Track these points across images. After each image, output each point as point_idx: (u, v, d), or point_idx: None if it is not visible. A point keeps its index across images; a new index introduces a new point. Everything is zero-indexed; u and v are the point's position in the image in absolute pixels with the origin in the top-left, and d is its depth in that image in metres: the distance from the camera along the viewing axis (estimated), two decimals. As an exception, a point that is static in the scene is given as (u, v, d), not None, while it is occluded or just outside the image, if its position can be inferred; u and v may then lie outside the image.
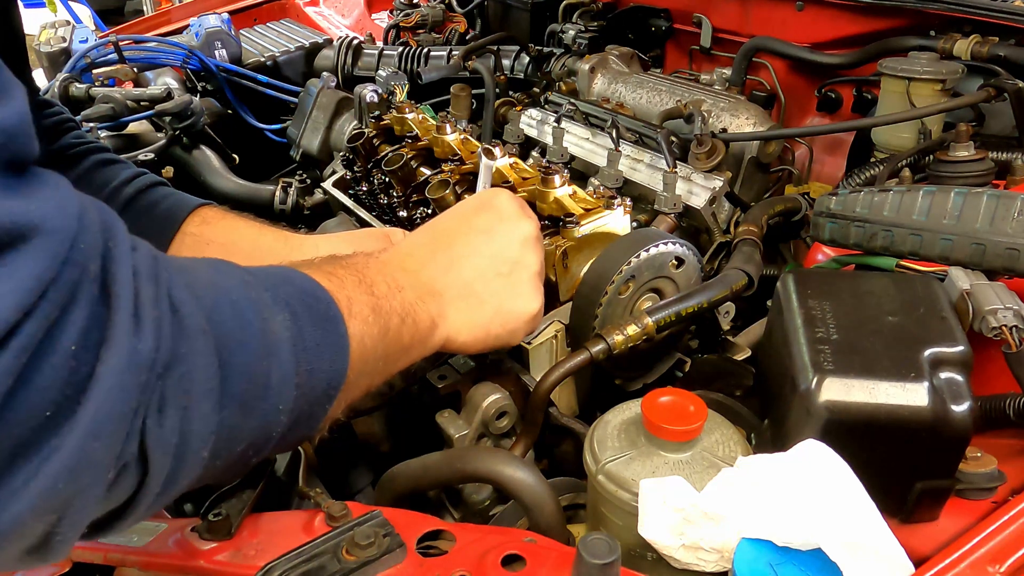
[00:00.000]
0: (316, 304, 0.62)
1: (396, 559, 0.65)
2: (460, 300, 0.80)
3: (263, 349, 0.55)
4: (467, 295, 0.80)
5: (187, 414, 0.49)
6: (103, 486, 0.46)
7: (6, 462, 0.41)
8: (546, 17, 2.06)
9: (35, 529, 0.44)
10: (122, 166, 1.05)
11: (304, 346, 0.58)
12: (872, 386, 0.71)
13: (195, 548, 0.69)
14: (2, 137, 0.42)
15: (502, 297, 0.83)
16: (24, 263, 0.41)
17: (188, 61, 2.03)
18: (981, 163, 1.18)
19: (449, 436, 0.93)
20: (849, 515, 0.61)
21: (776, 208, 1.27)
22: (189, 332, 0.49)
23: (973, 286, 0.86)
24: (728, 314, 1.06)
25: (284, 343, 0.57)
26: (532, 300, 0.85)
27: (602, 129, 1.49)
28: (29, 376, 0.41)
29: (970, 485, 0.75)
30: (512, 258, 0.84)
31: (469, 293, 0.80)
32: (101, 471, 0.45)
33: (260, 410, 0.55)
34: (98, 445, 0.44)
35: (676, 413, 0.73)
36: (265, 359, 0.55)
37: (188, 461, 0.50)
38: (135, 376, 0.45)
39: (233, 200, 1.76)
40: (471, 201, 0.89)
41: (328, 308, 0.63)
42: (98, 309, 0.44)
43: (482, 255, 0.82)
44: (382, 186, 1.29)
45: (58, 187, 0.45)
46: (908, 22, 1.49)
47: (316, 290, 0.63)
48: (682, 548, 0.66)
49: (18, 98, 0.43)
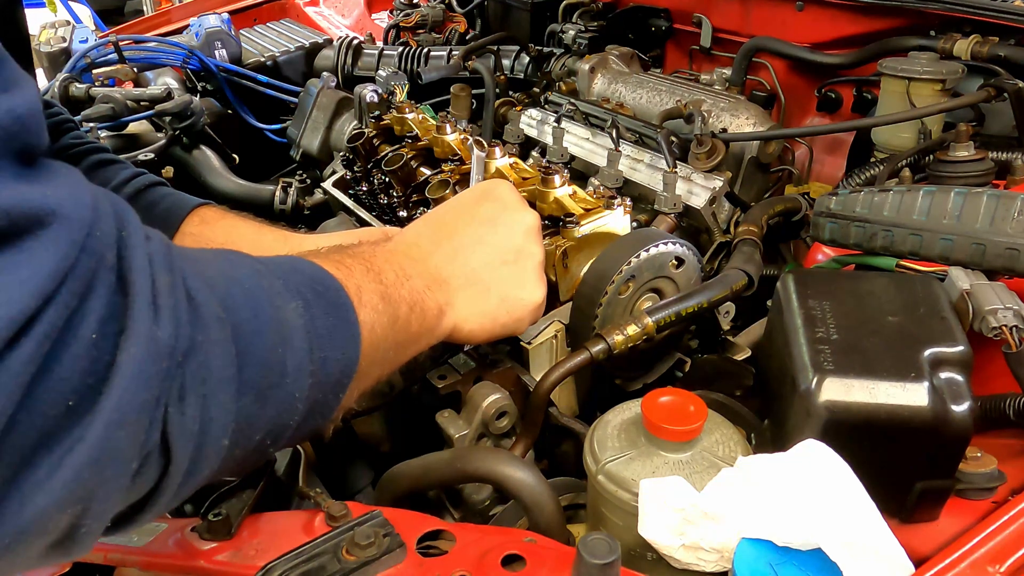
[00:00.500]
0: (327, 292, 0.62)
1: (396, 559, 0.65)
2: (467, 288, 0.80)
3: (278, 337, 0.55)
4: (473, 283, 0.81)
5: (207, 402, 0.49)
6: (128, 476, 0.46)
7: (29, 454, 0.41)
8: (546, 17, 2.06)
9: (60, 522, 0.44)
10: (121, 166, 1.05)
11: (317, 333, 0.58)
12: (872, 386, 0.71)
13: (195, 548, 0.70)
14: (15, 125, 0.41)
15: (508, 286, 0.83)
16: (43, 249, 0.40)
17: (188, 61, 2.02)
18: (981, 163, 1.18)
19: (449, 436, 0.93)
20: (849, 515, 0.61)
21: (776, 208, 1.27)
22: (206, 320, 0.49)
23: (973, 286, 0.86)
24: (728, 314, 1.06)
25: (298, 330, 0.57)
26: (537, 289, 0.86)
27: (602, 129, 1.49)
28: (50, 366, 0.41)
29: (970, 485, 0.75)
30: (516, 247, 0.84)
31: (475, 281, 0.81)
32: (125, 461, 0.45)
33: (277, 398, 0.55)
34: (122, 435, 0.44)
35: (676, 413, 0.73)
36: (280, 347, 0.55)
37: (209, 450, 0.50)
38: (156, 364, 0.45)
39: (233, 200, 1.76)
40: (472, 191, 0.90)
41: (338, 296, 0.63)
42: (116, 298, 0.44)
43: (487, 244, 0.83)
44: (382, 186, 1.29)
45: (70, 176, 0.45)
46: (908, 22, 1.49)
47: (326, 278, 0.63)
48: (682, 548, 0.66)
49: (29, 89, 0.43)
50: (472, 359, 0.97)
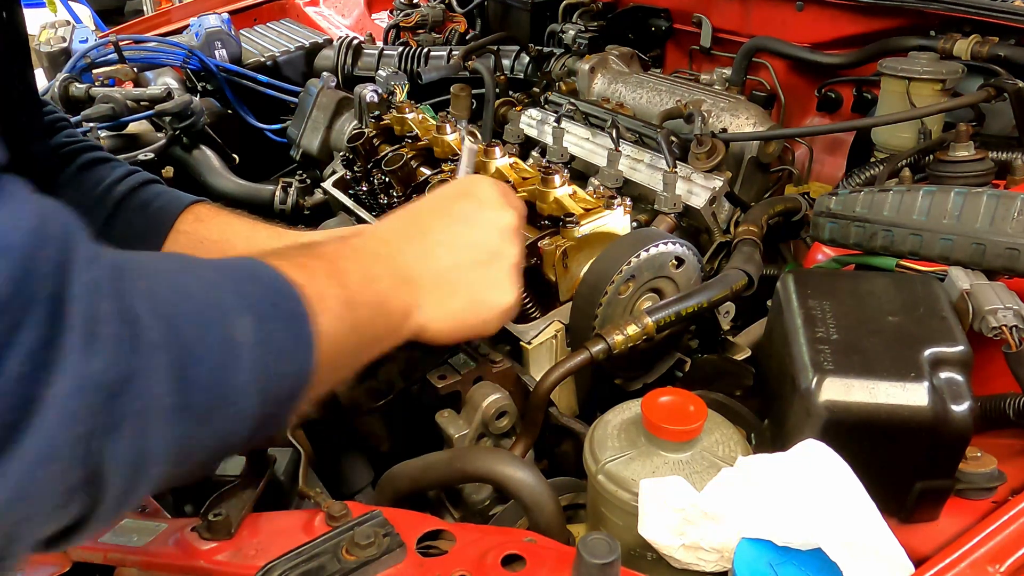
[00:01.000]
0: (284, 302, 0.61)
1: (396, 559, 0.65)
2: (435, 289, 0.78)
3: (226, 357, 0.53)
4: (442, 284, 0.79)
5: (145, 432, 0.47)
6: (54, 509, 0.45)
7: None
8: (546, 17, 2.06)
9: None
10: (114, 164, 1.04)
11: (269, 349, 0.57)
12: (872, 386, 0.71)
13: (195, 548, 0.70)
14: None
15: (478, 288, 0.81)
16: None
17: (188, 61, 2.03)
18: (981, 163, 1.18)
19: (449, 436, 0.93)
20: (849, 515, 0.61)
21: (776, 208, 1.27)
22: (146, 348, 0.48)
23: (973, 286, 0.86)
24: (728, 314, 1.06)
25: (248, 349, 0.55)
26: (508, 292, 0.83)
27: (602, 129, 1.49)
28: None
29: (970, 485, 0.75)
30: (491, 248, 0.82)
31: (444, 282, 0.79)
32: (50, 496, 0.44)
33: (222, 419, 0.54)
34: (46, 471, 0.42)
35: (676, 413, 0.73)
36: (227, 367, 0.53)
37: (144, 478, 0.49)
38: (86, 399, 0.43)
39: (233, 200, 1.77)
40: (452, 187, 0.87)
41: (296, 306, 0.61)
42: (48, 331, 0.42)
43: (460, 243, 0.80)
44: (382, 186, 1.29)
45: (13, 198, 0.43)
46: (908, 22, 1.49)
47: (284, 287, 0.61)
48: (682, 548, 0.66)
49: None
50: (472, 359, 0.97)
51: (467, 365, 0.96)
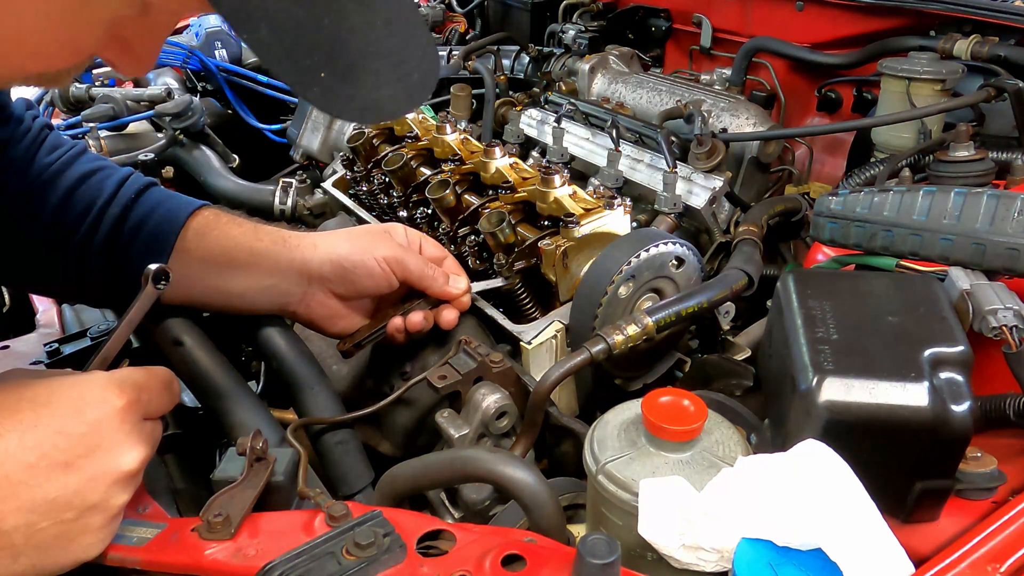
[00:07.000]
0: None
1: (396, 559, 0.65)
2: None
3: None
4: (2, 547, 0.63)
5: None
6: None
7: None
8: (546, 17, 2.06)
9: None
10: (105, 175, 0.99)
11: None
12: (872, 386, 0.71)
13: (195, 548, 0.69)
14: None
15: (46, 550, 0.65)
16: None
17: (188, 61, 2.03)
18: (981, 163, 1.18)
19: (449, 436, 0.93)
20: (849, 515, 0.61)
21: (776, 208, 1.27)
22: None
23: (973, 286, 0.86)
24: (728, 314, 1.06)
25: None
26: (92, 545, 0.68)
27: (602, 129, 1.49)
28: None
29: (970, 485, 0.75)
30: (87, 503, 0.66)
31: (4, 545, 0.64)
32: None
33: None
34: None
35: (676, 413, 0.73)
36: None
37: None
38: None
39: (233, 200, 1.77)
40: (67, 404, 0.67)
41: None
42: None
43: (40, 497, 0.64)
44: (382, 186, 1.29)
45: None
46: (908, 22, 1.49)
47: None
48: (682, 548, 0.66)
49: None
50: (472, 359, 0.97)
51: (467, 365, 0.96)
